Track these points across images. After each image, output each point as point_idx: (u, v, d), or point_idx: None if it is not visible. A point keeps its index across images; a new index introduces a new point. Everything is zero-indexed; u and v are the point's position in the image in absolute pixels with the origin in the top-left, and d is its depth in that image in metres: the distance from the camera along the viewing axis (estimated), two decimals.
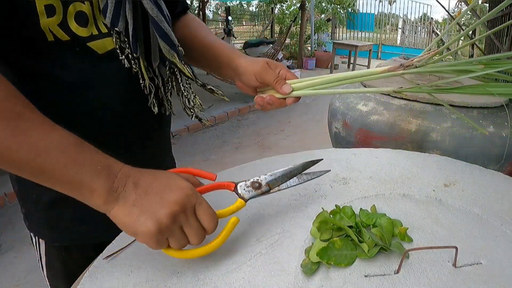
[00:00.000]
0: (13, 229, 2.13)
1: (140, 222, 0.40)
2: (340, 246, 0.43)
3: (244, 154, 3.30)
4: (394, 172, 0.67)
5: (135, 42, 0.56)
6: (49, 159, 0.40)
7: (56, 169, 0.40)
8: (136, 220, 0.40)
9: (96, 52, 0.54)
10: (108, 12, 0.52)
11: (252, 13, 12.21)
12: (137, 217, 0.40)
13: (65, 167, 0.40)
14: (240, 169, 0.69)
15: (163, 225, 0.40)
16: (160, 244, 0.41)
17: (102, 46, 0.54)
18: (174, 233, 0.41)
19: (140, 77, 0.58)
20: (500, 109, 1.33)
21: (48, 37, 0.49)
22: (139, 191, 0.41)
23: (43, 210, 0.60)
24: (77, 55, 0.52)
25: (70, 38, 0.50)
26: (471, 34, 6.51)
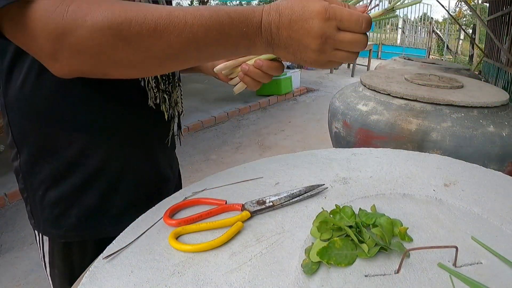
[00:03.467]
0: (13, 229, 2.13)
1: (298, 57, 0.45)
2: (340, 246, 0.44)
3: (244, 154, 3.30)
4: (394, 172, 0.67)
5: None
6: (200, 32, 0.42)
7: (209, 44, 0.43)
8: (295, 57, 0.45)
9: None
10: None
11: None
12: (294, 55, 0.45)
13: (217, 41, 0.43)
14: (240, 169, 0.69)
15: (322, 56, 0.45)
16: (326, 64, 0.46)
17: None
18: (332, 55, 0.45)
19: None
20: (500, 109, 1.33)
21: None
22: (284, 35, 0.44)
23: (49, 207, 0.60)
24: None
25: None
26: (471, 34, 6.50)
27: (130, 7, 0.40)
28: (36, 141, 0.57)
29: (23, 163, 0.60)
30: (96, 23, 0.39)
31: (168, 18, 0.41)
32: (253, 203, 0.55)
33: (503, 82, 4.03)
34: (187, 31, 0.41)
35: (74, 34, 0.39)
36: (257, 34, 0.44)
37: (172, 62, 0.46)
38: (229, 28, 0.43)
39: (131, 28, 0.39)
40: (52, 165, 0.58)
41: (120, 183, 0.63)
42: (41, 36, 0.39)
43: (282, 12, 0.44)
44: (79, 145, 0.58)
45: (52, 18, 0.38)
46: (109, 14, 0.39)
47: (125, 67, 0.44)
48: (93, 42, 0.39)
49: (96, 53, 0.40)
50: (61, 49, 0.40)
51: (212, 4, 12.88)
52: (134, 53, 0.41)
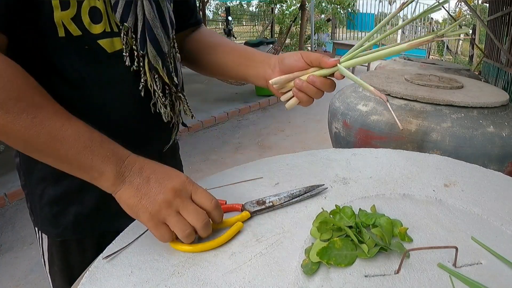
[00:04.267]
0: (13, 229, 2.13)
1: (141, 205, 0.45)
2: (340, 246, 0.43)
3: (244, 154, 3.30)
4: (394, 172, 0.67)
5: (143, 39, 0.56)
6: (64, 147, 0.45)
7: (69, 155, 0.45)
8: (138, 203, 0.45)
9: (105, 50, 0.54)
10: (118, 7, 0.53)
11: (252, 13, 12.21)
12: (139, 200, 0.45)
13: (78, 153, 0.45)
14: (240, 169, 0.69)
15: (159, 209, 0.44)
16: (159, 228, 0.45)
17: (111, 45, 0.54)
18: (171, 217, 0.45)
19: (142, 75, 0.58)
20: (500, 109, 1.33)
21: (60, 32, 0.49)
22: (143, 176, 0.46)
23: (47, 205, 0.61)
24: (86, 52, 0.53)
25: (81, 34, 0.51)
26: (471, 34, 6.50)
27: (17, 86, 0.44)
28: None
29: (23, 161, 0.60)
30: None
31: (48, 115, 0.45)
32: (253, 203, 0.55)
33: (503, 82, 4.03)
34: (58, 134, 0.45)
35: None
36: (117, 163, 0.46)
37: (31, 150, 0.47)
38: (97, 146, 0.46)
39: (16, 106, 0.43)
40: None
41: None
42: None
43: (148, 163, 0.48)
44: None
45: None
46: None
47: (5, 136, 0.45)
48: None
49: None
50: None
51: (212, 4, 12.85)
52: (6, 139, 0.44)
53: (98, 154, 0.45)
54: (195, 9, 0.76)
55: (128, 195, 0.45)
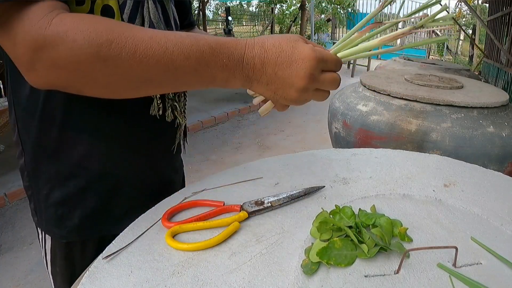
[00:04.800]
0: (13, 229, 2.13)
1: (278, 96, 0.47)
2: (340, 246, 0.44)
3: (244, 154, 3.30)
4: (394, 172, 0.67)
5: None
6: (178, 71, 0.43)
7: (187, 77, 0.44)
8: (274, 95, 0.47)
9: None
10: (126, 8, 0.53)
11: (252, 13, 12.21)
12: (274, 93, 0.46)
13: (196, 72, 0.44)
14: (240, 169, 0.69)
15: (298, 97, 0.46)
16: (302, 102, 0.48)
17: None
18: (310, 96, 0.47)
19: None
20: (500, 109, 1.33)
21: None
22: (268, 73, 0.45)
23: (53, 206, 0.61)
24: None
25: None
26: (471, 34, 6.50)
27: (113, 27, 0.41)
28: (41, 141, 0.57)
29: (29, 162, 0.60)
30: (76, 40, 0.39)
31: (148, 43, 0.41)
32: (251, 204, 0.55)
33: (503, 82, 4.03)
34: (166, 58, 0.41)
35: (54, 48, 0.39)
36: (237, 67, 0.44)
37: (147, 87, 0.46)
38: (209, 58, 0.43)
39: (111, 49, 0.40)
40: (57, 165, 0.59)
41: (123, 187, 0.64)
42: (21, 44, 0.39)
43: (269, 49, 0.45)
44: (83, 148, 0.58)
45: (34, 29, 0.38)
46: (91, 32, 0.39)
47: (100, 87, 0.44)
48: (72, 59, 0.39)
49: (73, 69, 0.40)
50: (39, 61, 0.40)
51: (212, 4, 12.87)
52: (111, 75, 0.42)
53: (214, 65, 0.44)
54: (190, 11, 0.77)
55: (261, 90, 0.47)
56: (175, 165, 0.77)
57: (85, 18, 0.41)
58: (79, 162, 0.59)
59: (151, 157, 0.67)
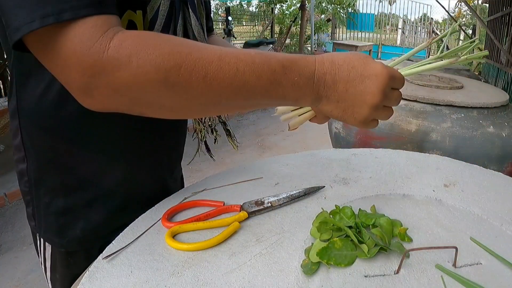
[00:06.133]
0: (13, 229, 2.13)
1: (347, 115, 0.45)
2: (340, 246, 0.43)
3: (244, 154, 3.30)
4: (394, 172, 0.67)
5: None
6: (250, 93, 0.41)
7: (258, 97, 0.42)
8: (343, 114, 0.45)
9: None
10: (157, 23, 0.51)
11: (252, 13, 12.20)
12: (344, 110, 0.45)
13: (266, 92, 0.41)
14: (240, 169, 0.69)
15: (367, 116, 0.45)
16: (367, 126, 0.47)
17: None
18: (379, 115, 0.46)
19: None
20: (500, 110, 1.33)
21: None
22: (340, 88, 0.43)
23: (54, 215, 0.59)
24: None
25: None
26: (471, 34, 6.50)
27: (180, 49, 0.37)
28: (48, 153, 0.56)
29: (32, 170, 0.58)
30: (141, 66, 0.35)
31: (219, 64, 0.38)
32: (251, 204, 0.55)
33: (503, 82, 4.02)
34: (238, 79, 0.39)
35: (115, 74, 0.35)
36: (308, 85, 0.43)
37: (215, 109, 0.44)
38: (281, 76, 0.41)
39: (180, 75, 0.37)
40: (63, 177, 0.57)
41: (130, 203, 0.63)
42: (75, 70, 0.35)
43: (340, 65, 0.43)
44: (94, 165, 0.57)
45: (90, 52, 0.35)
46: (157, 57, 0.36)
47: (165, 110, 0.41)
48: (136, 86, 0.36)
49: (137, 96, 0.38)
50: (97, 87, 0.36)
51: (212, 4, 12.87)
52: (179, 100, 0.39)
53: (286, 84, 0.41)
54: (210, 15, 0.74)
55: (330, 108, 0.45)
56: (177, 173, 0.77)
57: (147, 38, 0.37)
58: (87, 177, 0.57)
59: (159, 172, 0.67)
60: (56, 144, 0.55)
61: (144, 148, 0.61)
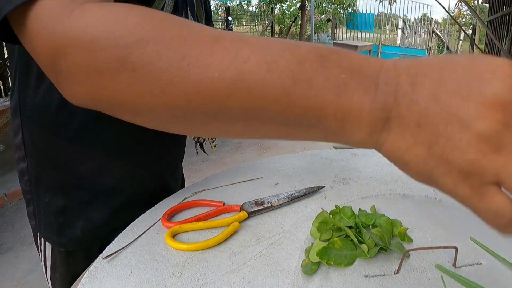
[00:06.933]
0: (13, 229, 2.13)
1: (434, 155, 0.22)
2: (340, 246, 0.43)
3: (244, 154, 3.30)
4: (394, 173, 0.67)
5: None
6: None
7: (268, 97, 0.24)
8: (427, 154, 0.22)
9: None
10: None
11: (252, 13, 12.21)
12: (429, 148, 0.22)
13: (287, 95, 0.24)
14: (240, 169, 0.69)
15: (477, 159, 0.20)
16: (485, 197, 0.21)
17: None
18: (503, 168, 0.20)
19: None
20: None
21: None
22: (424, 100, 0.22)
23: (53, 214, 0.59)
24: None
25: None
26: (471, 34, 6.51)
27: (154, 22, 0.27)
28: (48, 151, 0.56)
29: (32, 168, 0.58)
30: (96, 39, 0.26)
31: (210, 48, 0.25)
32: (251, 204, 0.55)
33: None
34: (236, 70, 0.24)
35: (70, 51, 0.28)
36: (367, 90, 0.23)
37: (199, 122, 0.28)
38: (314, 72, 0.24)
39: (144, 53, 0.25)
40: (63, 176, 0.57)
41: (131, 203, 0.63)
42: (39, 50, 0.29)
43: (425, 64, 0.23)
44: (94, 164, 0.57)
45: (49, 27, 0.28)
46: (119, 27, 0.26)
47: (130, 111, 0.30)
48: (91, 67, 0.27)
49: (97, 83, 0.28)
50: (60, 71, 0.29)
51: (212, 4, 12.88)
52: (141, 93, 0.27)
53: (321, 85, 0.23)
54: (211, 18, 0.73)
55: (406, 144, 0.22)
56: (178, 174, 0.77)
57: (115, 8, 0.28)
58: (87, 176, 0.57)
59: (159, 172, 0.67)
60: (57, 142, 0.55)
61: (144, 146, 0.61)
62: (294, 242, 0.48)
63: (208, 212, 0.53)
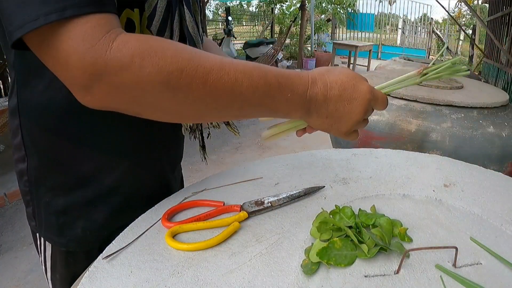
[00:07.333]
0: (13, 229, 2.13)
1: (334, 128, 0.50)
2: (340, 246, 0.44)
3: (244, 154, 3.30)
4: (394, 172, 0.67)
5: None
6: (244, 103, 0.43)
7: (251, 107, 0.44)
8: (330, 127, 0.50)
9: None
10: (155, 20, 0.51)
11: (252, 13, 12.21)
12: (331, 125, 0.50)
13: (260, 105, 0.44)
14: (240, 169, 0.69)
15: (351, 128, 0.50)
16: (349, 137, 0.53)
17: None
18: (360, 127, 0.52)
19: None
20: (500, 110, 1.33)
21: None
22: (330, 107, 0.48)
23: (54, 214, 0.59)
24: None
25: None
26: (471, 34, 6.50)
27: (182, 54, 0.39)
28: (49, 151, 0.56)
29: (32, 168, 0.58)
30: (144, 67, 0.36)
31: (219, 73, 0.40)
32: (251, 204, 0.55)
33: (503, 82, 4.02)
34: (236, 90, 0.41)
35: (117, 73, 0.36)
36: (300, 101, 0.46)
37: (209, 116, 0.46)
38: (275, 92, 0.44)
39: (181, 79, 0.38)
40: (64, 176, 0.57)
41: (131, 202, 0.63)
42: (76, 67, 0.36)
43: (332, 86, 0.47)
44: (95, 163, 0.57)
45: (92, 51, 0.35)
46: (160, 59, 0.37)
47: (163, 113, 0.42)
48: (137, 86, 0.37)
49: (137, 97, 0.39)
50: (98, 86, 0.37)
51: (212, 4, 12.87)
52: (179, 104, 0.40)
53: (279, 99, 0.45)
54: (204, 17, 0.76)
55: (318, 122, 0.49)
56: (177, 173, 0.77)
57: (150, 41, 0.38)
58: (88, 175, 0.57)
59: (159, 171, 0.67)
60: (57, 142, 0.55)
61: (143, 144, 0.61)
62: (294, 242, 0.48)
63: (208, 212, 0.53)
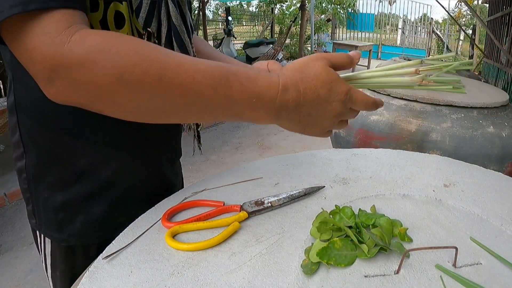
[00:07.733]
0: (13, 229, 2.13)
1: (307, 130, 0.48)
2: (340, 246, 0.44)
3: (244, 155, 3.30)
4: (394, 173, 0.67)
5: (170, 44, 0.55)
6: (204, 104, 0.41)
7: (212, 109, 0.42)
8: (303, 130, 0.48)
9: None
10: (142, 11, 0.52)
11: (252, 13, 12.20)
12: (304, 128, 0.47)
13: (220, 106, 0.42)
14: (240, 169, 0.69)
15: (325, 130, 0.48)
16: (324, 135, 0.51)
17: None
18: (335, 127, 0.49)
19: None
20: (500, 110, 1.33)
21: None
22: (303, 111, 0.45)
23: (53, 210, 0.59)
24: None
25: None
26: (471, 34, 6.50)
27: (139, 49, 0.38)
28: (47, 147, 0.56)
29: (30, 165, 0.58)
30: (98, 61, 0.37)
31: (175, 70, 0.39)
32: (251, 204, 0.55)
33: (503, 82, 4.02)
34: (193, 89, 0.39)
35: (74, 68, 0.37)
36: (268, 108, 0.43)
37: (173, 115, 0.43)
38: (238, 94, 0.41)
39: (134, 73, 0.37)
40: (62, 171, 0.57)
41: (129, 196, 0.63)
42: (38, 61, 0.37)
43: (305, 93, 0.44)
44: (91, 157, 0.57)
45: (52, 45, 0.36)
46: (114, 54, 0.37)
47: (123, 111, 0.42)
48: (93, 81, 0.37)
49: (94, 92, 0.39)
50: (58, 79, 0.38)
51: (212, 4, 12.86)
52: (134, 100, 0.39)
53: (242, 103, 0.42)
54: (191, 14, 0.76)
55: (290, 126, 0.47)
56: (177, 169, 0.77)
57: (108, 36, 0.38)
58: (85, 169, 0.58)
59: (158, 165, 0.67)
60: (53, 138, 0.55)
61: (140, 138, 0.61)
62: (294, 242, 0.48)
63: (208, 212, 0.53)
